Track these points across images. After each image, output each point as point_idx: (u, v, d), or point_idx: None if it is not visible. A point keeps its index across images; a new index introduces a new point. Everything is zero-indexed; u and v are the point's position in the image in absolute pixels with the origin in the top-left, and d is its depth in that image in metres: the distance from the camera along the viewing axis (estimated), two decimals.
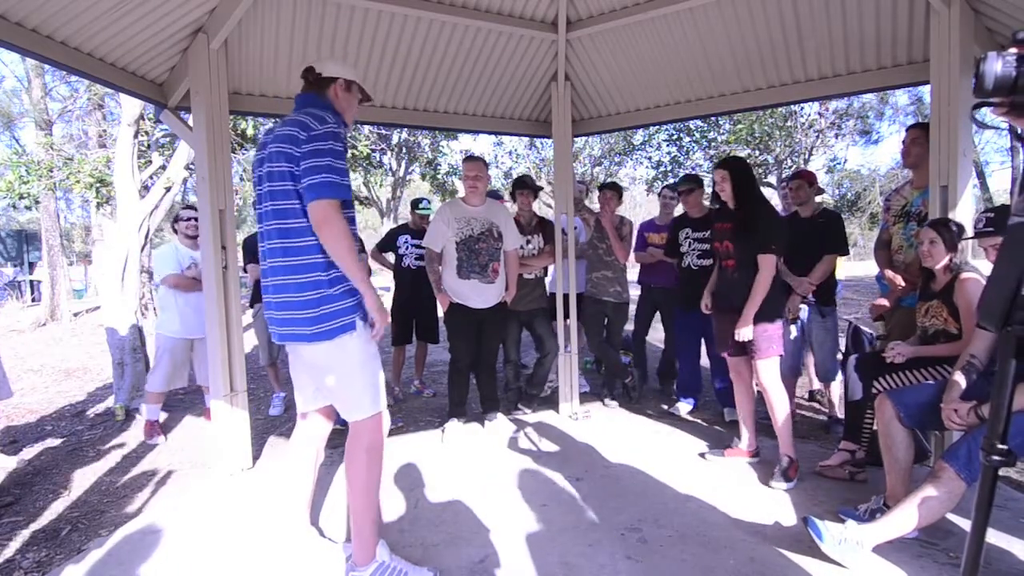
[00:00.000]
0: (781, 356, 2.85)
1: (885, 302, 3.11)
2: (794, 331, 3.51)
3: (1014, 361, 0.99)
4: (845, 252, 3.58)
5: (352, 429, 1.94)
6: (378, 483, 1.96)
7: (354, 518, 1.92)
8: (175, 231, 4.00)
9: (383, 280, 9.30)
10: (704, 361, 4.11)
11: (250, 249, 4.32)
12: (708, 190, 3.49)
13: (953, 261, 2.47)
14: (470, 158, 3.59)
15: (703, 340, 3.95)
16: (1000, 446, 1.01)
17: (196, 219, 3.77)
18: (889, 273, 3.09)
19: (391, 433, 3.68)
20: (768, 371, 2.80)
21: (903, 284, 2.96)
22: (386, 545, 2.00)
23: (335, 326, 1.83)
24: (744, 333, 2.77)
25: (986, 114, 1.06)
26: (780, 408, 2.80)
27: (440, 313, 3.93)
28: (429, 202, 4.77)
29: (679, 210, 4.39)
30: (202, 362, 3.87)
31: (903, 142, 3.12)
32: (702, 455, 3.12)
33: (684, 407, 3.96)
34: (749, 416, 3.03)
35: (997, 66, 0.95)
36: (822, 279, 3.40)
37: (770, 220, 2.81)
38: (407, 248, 4.54)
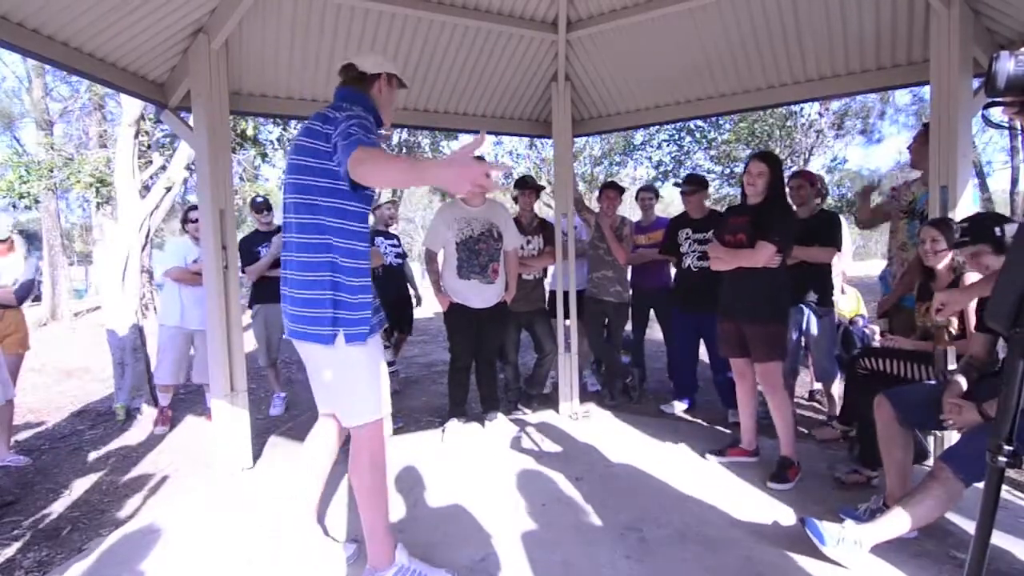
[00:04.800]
0: (783, 361, 2.83)
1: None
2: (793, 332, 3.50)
3: (1023, 362, 0.98)
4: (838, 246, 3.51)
5: (353, 437, 1.90)
6: (385, 488, 1.93)
7: (366, 524, 1.90)
8: (184, 230, 4.11)
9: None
10: (704, 358, 4.11)
11: (243, 250, 4.32)
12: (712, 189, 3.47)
13: (955, 260, 2.44)
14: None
15: (702, 340, 3.94)
16: (1007, 447, 1.01)
17: None
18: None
19: (391, 433, 3.69)
20: (770, 375, 2.79)
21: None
22: (404, 548, 1.98)
23: (338, 330, 1.78)
24: (713, 254, 2.88)
25: (993, 113, 1.05)
26: (782, 411, 2.79)
27: (415, 307, 4.85)
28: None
29: (677, 209, 4.37)
30: (201, 358, 3.91)
31: (913, 138, 3.12)
32: (702, 455, 3.12)
33: (679, 406, 3.97)
34: (751, 416, 3.03)
35: (1010, 65, 0.95)
36: (814, 260, 3.32)
37: (786, 217, 2.81)
38: (385, 248, 4.56)
